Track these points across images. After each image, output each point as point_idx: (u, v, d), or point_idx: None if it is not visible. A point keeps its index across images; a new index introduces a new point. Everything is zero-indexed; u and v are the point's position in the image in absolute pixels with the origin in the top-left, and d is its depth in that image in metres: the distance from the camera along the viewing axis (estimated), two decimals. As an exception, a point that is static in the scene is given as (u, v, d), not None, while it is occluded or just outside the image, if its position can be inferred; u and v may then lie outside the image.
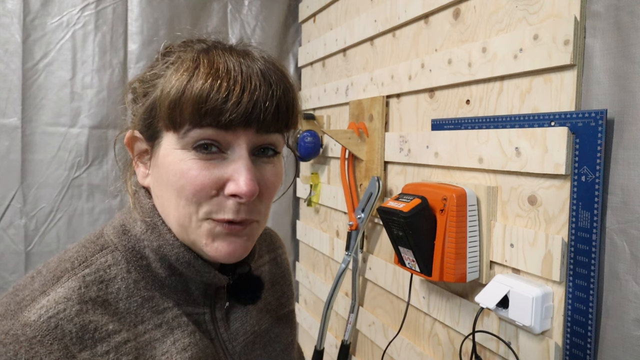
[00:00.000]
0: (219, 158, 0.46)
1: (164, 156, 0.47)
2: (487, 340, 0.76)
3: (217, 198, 0.46)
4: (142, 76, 0.51)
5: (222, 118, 0.43)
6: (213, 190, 0.46)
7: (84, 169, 1.35)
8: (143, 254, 0.49)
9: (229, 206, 0.46)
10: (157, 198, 0.50)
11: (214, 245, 0.47)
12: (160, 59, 0.50)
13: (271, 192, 0.50)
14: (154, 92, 0.47)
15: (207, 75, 0.44)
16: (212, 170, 0.45)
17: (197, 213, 0.46)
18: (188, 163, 0.45)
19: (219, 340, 0.55)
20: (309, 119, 1.37)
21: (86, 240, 0.51)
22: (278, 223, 1.62)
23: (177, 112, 0.44)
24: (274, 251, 0.71)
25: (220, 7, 1.50)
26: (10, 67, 1.27)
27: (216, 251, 0.48)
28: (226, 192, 0.46)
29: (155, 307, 0.49)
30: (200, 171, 0.45)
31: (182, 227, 0.48)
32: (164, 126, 0.47)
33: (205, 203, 0.46)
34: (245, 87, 0.44)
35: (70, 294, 0.44)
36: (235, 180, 0.45)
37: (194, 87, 0.43)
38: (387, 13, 1.03)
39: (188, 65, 0.45)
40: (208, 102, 0.43)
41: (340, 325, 1.29)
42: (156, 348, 0.48)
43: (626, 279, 0.56)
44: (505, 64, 0.71)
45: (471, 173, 0.79)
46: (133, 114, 0.52)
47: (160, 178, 0.48)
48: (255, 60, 0.47)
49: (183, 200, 0.46)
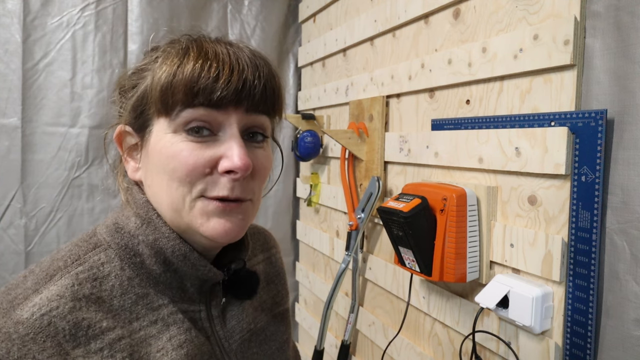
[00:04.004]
0: (211, 140, 0.47)
1: (154, 143, 0.48)
2: (487, 340, 0.76)
3: (210, 176, 0.47)
4: (129, 72, 0.52)
5: (214, 96, 0.45)
6: (206, 169, 0.46)
7: (84, 169, 1.35)
8: (137, 250, 0.49)
9: (223, 183, 0.47)
10: (150, 188, 0.50)
11: (210, 224, 0.47)
12: (148, 55, 0.51)
13: (263, 173, 0.51)
14: (143, 82, 0.48)
15: (196, 58, 0.45)
16: (205, 150, 0.46)
17: (191, 193, 0.47)
18: (180, 145, 0.46)
19: (215, 338, 0.54)
20: (309, 119, 1.37)
21: (79, 239, 0.51)
22: (278, 223, 1.62)
23: (168, 94, 0.45)
24: (268, 251, 0.71)
25: (220, 7, 1.50)
26: (10, 67, 1.27)
27: (213, 230, 0.47)
28: (220, 169, 0.46)
29: (150, 304, 0.49)
30: (191, 152, 0.46)
31: (176, 211, 0.48)
32: (155, 112, 0.47)
33: (199, 182, 0.46)
34: (234, 67, 0.46)
35: (63, 292, 0.44)
36: (229, 157, 0.46)
37: (185, 69, 0.45)
38: (387, 13, 1.03)
39: (177, 51, 0.47)
40: (199, 81, 0.44)
41: (340, 325, 1.29)
42: (151, 345, 0.48)
43: (626, 279, 0.56)
44: (505, 64, 0.71)
45: (471, 173, 0.79)
46: (121, 108, 0.53)
47: (152, 165, 0.48)
48: (241, 49, 0.49)
49: (176, 182, 0.46)
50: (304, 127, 1.35)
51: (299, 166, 1.63)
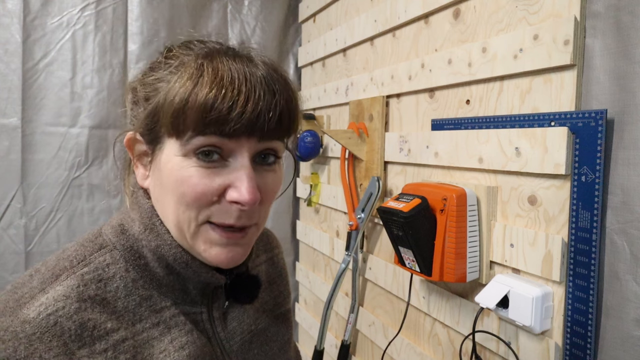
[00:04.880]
0: (220, 165, 0.46)
1: (165, 162, 0.47)
2: (487, 340, 0.76)
3: (218, 204, 0.46)
4: (142, 78, 0.50)
5: (226, 127, 0.43)
6: (214, 197, 0.46)
7: (84, 169, 1.35)
8: (141, 253, 0.50)
9: (230, 212, 0.46)
10: (157, 201, 0.50)
11: (212, 252, 0.48)
12: (162, 62, 0.49)
13: (271, 197, 0.51)
14: (156, 96, 0.47)
15: (211, 83, 0.44)
16: (214, 178, 0.45)
17: (197, 218, 0.46)
18: (189, 170, 0.45)
19: (216, 340, 0.55)
20: (309, 119, 1.37)
21: (84, 239, 0.51)
22: (278, 223, 1.62)
23: (180, 120, 0.44)
24: (271, 251, 0.71)
25: (220, 7, 1.50)
26: (10, 67, 1.27)
27: (216, 257, 0.48)
28: (228, 199, 0.46)
29: (153, 306, 0.49)
30: (201, 179, 0.45)
31: (181, 231, 0.48)
32: (166, 132, 0.46)
33: (206, 209, 0.46)
34: (250, 96, 0.44)
35: (69, 292, 0.44)
36: (237, 188, 0.45)
37: (198, 95, 0.43)
38: (387, 13, 1.03)
39: (192, 72, 0.45)
40: (212, 111, 0.43)
41: (340, 325, 1.29)
42: (154, 346, 0.48)
43: (626, 279, 0.56)
44: (505, 64, 0.71)
45: (471, 173, 0.79)
46: (134, 116, 0.51)
47: (161, 183, 0.48)
48: (258, 67, 0.46)
49: (183, 206, 0.46)
50: (304, 127, 1.35)
51: (299, 166, 1.63)
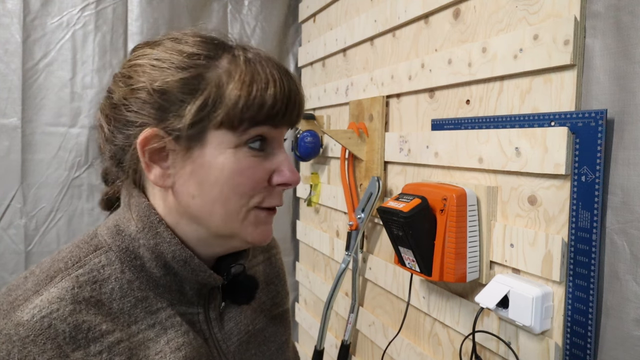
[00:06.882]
0: (264, 153, 0.50)
1: (213, 156, 0.47)
2: (487, 340, 0.76)
3: (266, 189, 0.50)
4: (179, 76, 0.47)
5: (278, 118, 0.49)
6: (265, 183, 0.50)
7: (84, 169, 1.35)
8: (137, 253, 0.49)
9: (276, 194, 0.52)
10: (193, 198, 0.48)
11: (257, 231, 0.51)
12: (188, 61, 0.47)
13: None
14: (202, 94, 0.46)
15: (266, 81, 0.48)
16: (264, 165, 0.50)
17: (247, 204, 0.50)
18: (246, 161, 0.48)
19: (213, 340, 0.55)
20: (309, 119, 1.37)
21: (80, 240, 0.51)
22: (278, 223, 1.62)
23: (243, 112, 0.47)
24: (268, 251, 0.71)
25: (220, 7, 1.50)
26: (10, 67, 1.27)
27: (259, 236, 0.52)
28: (275, 182, 0.50)
29: (148, 307, 0.49)
30: (256, 168, 0.49)
31: (229, 220, 0.49)
32: (215, 125, 0.47)
33: (257, 195, 0.50)
34: (291, 89, 0.50)
35: (63, 294, 0.44)
36: (283, 172, 0.51)
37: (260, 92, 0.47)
38: (387, 13, 1.03)
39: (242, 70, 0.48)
40: (275, 106, 0.48)
41: (340, 325, 1.29)
42: (150, 348, 0.48)
43: (626, 279, 0.56)
44: (505, 64, 0.71)
45: (471, 173, 0.79)
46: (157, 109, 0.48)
47: (206, 178, 0.47)
48: (281, 67, 0.52)
49: (237, 195, 0.49)
50: (304, 127, 1.35)
51: (299, 166, 1.63)
